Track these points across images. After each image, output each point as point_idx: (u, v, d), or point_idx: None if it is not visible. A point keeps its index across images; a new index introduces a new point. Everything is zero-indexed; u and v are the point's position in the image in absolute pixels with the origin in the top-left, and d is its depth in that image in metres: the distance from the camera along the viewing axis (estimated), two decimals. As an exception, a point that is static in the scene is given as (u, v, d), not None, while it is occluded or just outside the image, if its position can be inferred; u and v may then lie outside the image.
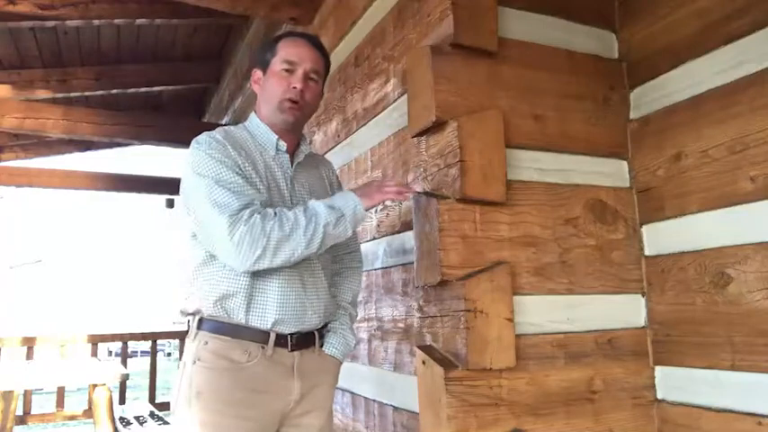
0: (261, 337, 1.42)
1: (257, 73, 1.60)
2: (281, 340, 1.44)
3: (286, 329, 1.44)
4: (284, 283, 1.44)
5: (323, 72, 1.61)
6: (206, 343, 1.42)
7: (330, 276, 1.65)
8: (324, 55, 1.61)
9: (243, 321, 1.41)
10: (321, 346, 1.55)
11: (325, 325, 1.60)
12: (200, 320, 1.44)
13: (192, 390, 1.40)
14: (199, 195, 1.38)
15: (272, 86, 1.54)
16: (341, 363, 1.60)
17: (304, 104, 1.54)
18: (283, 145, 1.55)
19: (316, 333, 1.53)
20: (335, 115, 2.75)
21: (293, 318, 1.45)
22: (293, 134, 1.59)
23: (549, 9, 1.84)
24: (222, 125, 1.98)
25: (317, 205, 1.41)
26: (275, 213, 1.36)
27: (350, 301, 1.67)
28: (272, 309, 1.42)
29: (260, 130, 1.56)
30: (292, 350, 1.46)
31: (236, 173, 1.40)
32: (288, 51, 1.54)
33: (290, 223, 1.36)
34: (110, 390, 3.41)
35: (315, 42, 1.60)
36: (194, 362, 1.42)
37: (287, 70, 1.52)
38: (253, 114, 1.60)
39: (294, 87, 1.51)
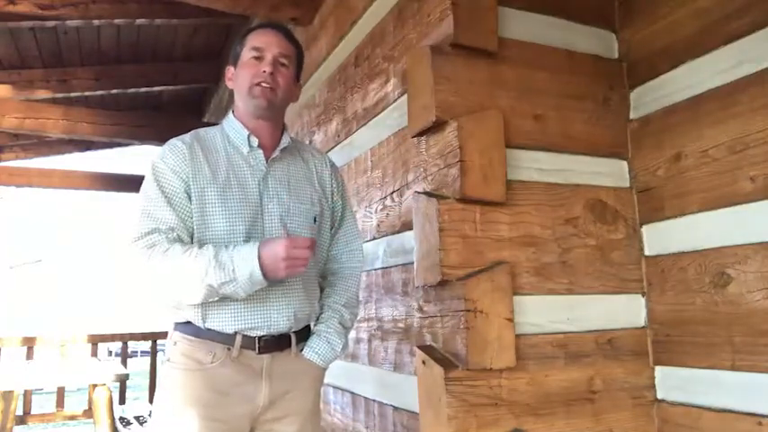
0: (226, 338, 1.39)
1: (230, 70, 1.57)
2: (247, 342, 1.40)
3: (252, 332, 1.40)
4: None
5: (294, 58, 1.56)
6: (175, 343, 1.42)
7: (322, 275, 1.62)
8: (293, 42, 1.57)
9: (203, 327, 1.40)
10: (301, 349, 1.50)
11: (307, 327, 1.55)
12: (175, 322, 1.45)
13: (161, 389, 1.43)
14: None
15: (242, 76, 1.50)
16: (323, 368, 1.54)
17: (276, 87, 1.49)
18: (255, 140, 1.50)
19: (292, 336, 1.47)
20: (335, 115, 2.75)
21: (256, 323, 1.40)
22: (270, 123, 1.53)
23: (549, 9, 1.84)
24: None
25: (209, 260, 1.31)
26: (165, 250, 1.33)
27: (343, 303, 1.59)
28: (230, 316, 1.39)
29: (233, 127, 1.52)
30: (261, 353, 1.41)
31: (162, 191, 1.38)
32: (255, 40, 1.51)
33: (170, 270, 1.32)
34: (110, 390, 3.41)
35: (282, 29, 1.56)
36: (166, 362, 1.44)
37: (256, 57, 1.49)
38: (230, 112, 1.57)
39: (264, 71, 1.47)
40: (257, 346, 1.41)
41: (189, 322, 1.41)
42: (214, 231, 1.40)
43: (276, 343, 1.44)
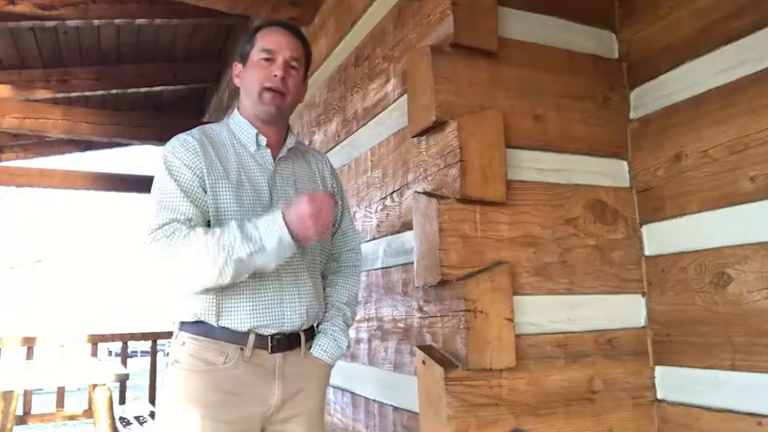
0: (239, 338, 1.37)
1: (238, 66, 1.55)
2: (260, 342, 1.39)
3: (266, 331, 1.40)
4: (257, 286, 1.39)
5: (303, 60, 1.54)
6: (183, 344, 1.40)
7: (322, 275, 1.61)
8: (303, 42, 1.55)
9: (216, 325, 1.38)
10: (309, 348, 1.49)
11: (314, 326, 1.55)
12: (182, 322, 1.43)
13: (168, 391, 1.40)
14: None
15: (251, 77, 1.48)
16: (330, 366, 1.53)
17: (286, 92, 1.48)
18: (263, 139, 1.49)
19: (302, 334, 1.46)
20: (335, 115, 2.75)
21: (271, 320, 1.40)
22: (277, 126, 1.53)
23: (549, 9, 1.84)
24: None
25: (234, 234, 1.29)
26: (186, 235, 1.30)
27: (345, 301, 1.60)
28: (245, 313, 1.38)
29: (240, 125, 1.51)
30: (273, 352, 1.40)
31: (178, 184, 1.36)
32: (266, 40, 1.49)
33: (195, 251, 1.28)
34: (110, 390, 3.41)
35: (293, 30, 1.54)
36: (173, 363, 1.41)
37: (266, 59, 1.47)
38: (235, 110, 1.56)
39: (275, 75, 1.45)
40: (270, 345, 1.40)
41: (198, 322, 1.39)
42: None
43: (287, 342, 1.43)
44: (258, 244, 1.28)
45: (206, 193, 1.39)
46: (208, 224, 1.39)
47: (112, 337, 5.60)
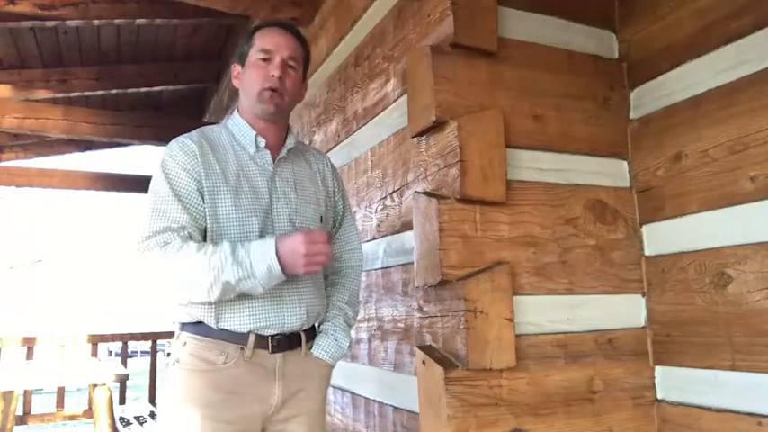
0: (239, 338, 1.38)
1: (236, 68, 1.56)
2: (261, 341, 1.39)
3: (266, 331, 1.40)
4: None
5: (302, 59, 1.55)
6: (185, 344, 1.40)
7: (323, 274, 1.61)
8: (302, 42, 1.56)
9: (215, 327, 1.38)
10: (310, 348, 1.49)
11: (315, 326, 1.55)
12: (183, 323, 1.43)
13: (168, 391, 1.40)
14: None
15: (250, 77, 1.49)
16: (331, 366, 1.53)
17: (284, 92, 1.48)
18: (262, 141, 1.49)
19: (302, 334, 1.47)
20: (335, 115, 2.75)
21: (270, 322, 1.40)
22: (277, 126, 1.53)
23: (549, 9, 1.84)
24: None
25: (225, 256, 1.30)
26: (179, 248, 1.31)
27: (346, 301, 1.60)
28: (245, 316, 1.38)
29: (239, 126, 1.51)
30: (273, 352, 1.40)
31: (173, 189, 1.37)
32: (264, 40, 1.50)
33: (186, 266, 1.30)
34: (110, 390, 3.41)
35: (291, 30, 1.55)
36: (174, 363, 1.41)
37: (264, 59, 1.48)
38: (235, 111, 1.56)
39: (272, 75, 1.46)
40: (270, 345, 1.40)
41: (199, 322, 1.40)
42: (227, 231, 1.40)
43: (288, 342, 1.44)
44: (248, 270, 1.30)
45: (203, 197, 1.39)
46: (204, 231, 1.40)
47: (112, 337, 5.59)
